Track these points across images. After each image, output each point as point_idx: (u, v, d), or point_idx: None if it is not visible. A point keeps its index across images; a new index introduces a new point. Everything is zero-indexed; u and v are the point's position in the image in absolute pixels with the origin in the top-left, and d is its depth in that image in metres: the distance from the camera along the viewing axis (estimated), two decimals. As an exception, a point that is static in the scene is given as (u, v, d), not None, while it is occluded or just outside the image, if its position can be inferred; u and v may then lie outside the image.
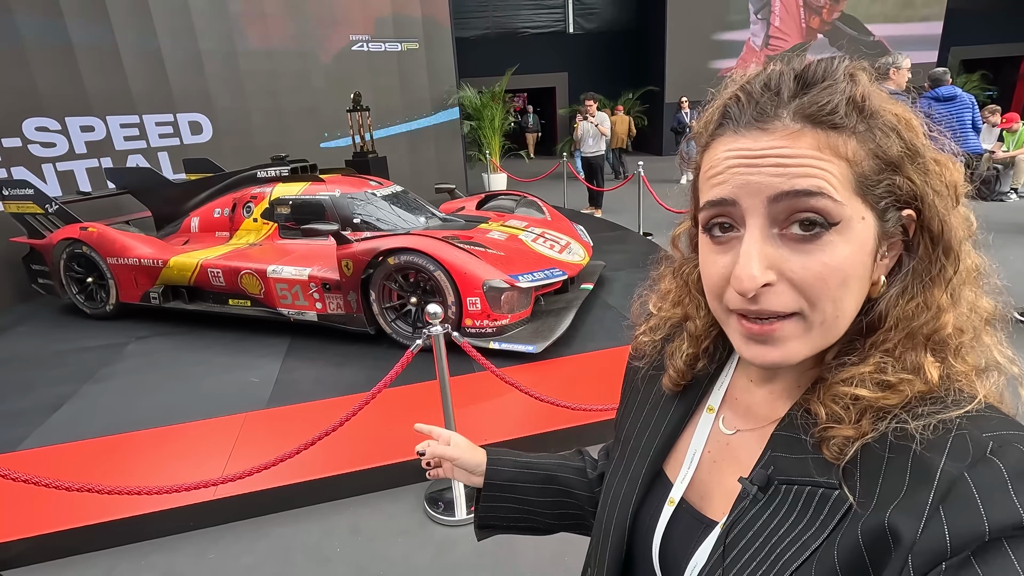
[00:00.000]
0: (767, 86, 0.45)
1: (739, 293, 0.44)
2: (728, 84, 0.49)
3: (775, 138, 0.43)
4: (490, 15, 15.34)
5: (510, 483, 0.78)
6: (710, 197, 0.46)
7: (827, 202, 0.42)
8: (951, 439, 0.40)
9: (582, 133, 8.02)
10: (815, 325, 0.44)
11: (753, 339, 0.46)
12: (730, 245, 0.46)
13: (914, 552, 0.37)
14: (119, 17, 6.03)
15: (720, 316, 0.49)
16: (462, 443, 0.82)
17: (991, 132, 7.71)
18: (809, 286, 0.43)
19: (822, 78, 0.44)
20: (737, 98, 0.46)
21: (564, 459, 0.82)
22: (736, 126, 0.45)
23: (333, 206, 4.17)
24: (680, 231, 0.60)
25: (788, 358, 0.45)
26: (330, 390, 3.17)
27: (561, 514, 0.79)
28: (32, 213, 4.64)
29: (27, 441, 2.84)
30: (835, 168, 0.42)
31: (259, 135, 7.43)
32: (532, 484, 0.78)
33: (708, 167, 0.48)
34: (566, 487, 0.78)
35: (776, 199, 0.42)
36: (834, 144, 0.42)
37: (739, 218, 0.45)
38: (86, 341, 4.17)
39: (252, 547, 2.22)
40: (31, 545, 2.18)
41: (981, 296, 0.47)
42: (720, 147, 0.46)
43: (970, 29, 14.94)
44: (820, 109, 0.43)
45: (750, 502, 0.48)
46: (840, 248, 0.42)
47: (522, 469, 0.79)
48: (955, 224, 0.45)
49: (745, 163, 0.44)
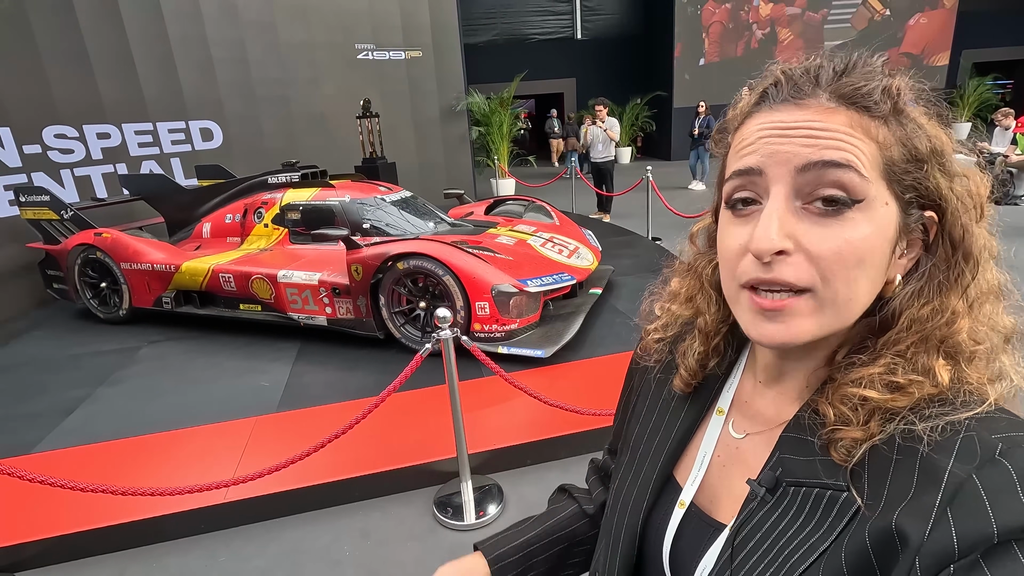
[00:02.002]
0: (807, 71, 0.46)
1: (755, 255, 0.44)
2: (767, 74, 0.50)
3: (809, 113, 0.44)
4: (498, 22, 15.42)
5: (518, 564, 0.72)
6: (738, 166, 0.47)
7: (854, 176, 0.42)
8: (959, 440, 0.40)
9: (591, 138, 8.02)
10: (826, 304, 0.43)
11: (763, 315, 0.45)
12: (751, 217, 0.46)
13: (921, 554, 0.37)
14: (133, 26, 6.14)
15: (731, 294, 0.49)
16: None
17: (1004, 135, 7.62)
18: (825, 260, 0.42)
19: (862, 66, 0.45)
20: (777, 80, 0.47)
21: (559, 513, 0.76)
22: (772, 103, 0.46)
23: (343, 211, 4.20)
24: (699, 227, 0.61)
25: (796, 336, 0.44)
26: (340, 394, 3.18)
27: (577, 563, 0.76)
28: (48, 219, 4.71)
29: (42, 443, 2.88)
30: (865, 147, 0.43)
31: (269, 141, 7.51)
32: (540, 556, 0.73)
33: (739, 141, 0.48)
34: (571, 542, 0.74)
35: (804, 169, 0.43)
36: (866, 126, 0.43)
37: (763, 189, 0.45)
38: (100, 345, 4.22)
39: (263, 550, 2.23)
40: (45, 547, 2.21)
41: (1002, 314, 0.47)
42: (753, 123, 0.47)
43: (982, 31, 14.81)
44: (856, 91, 0.44)
45: (758, 504, 0.48)
46: (861, 227, 0.42)
47: (525, 551, 0.72)
48: (977, 232, 0.45)
49: (777, 133, 0.44)
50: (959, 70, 15.14)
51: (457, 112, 9.45)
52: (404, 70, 8.80)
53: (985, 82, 14.26)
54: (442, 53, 9.09)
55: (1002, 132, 7.65)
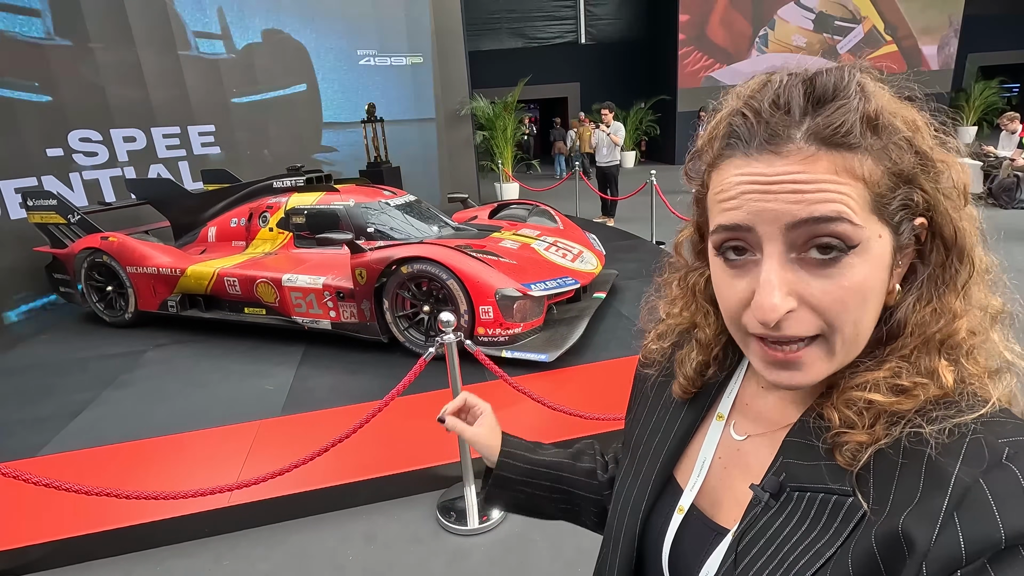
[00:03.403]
0: (776, 104, 0.43)
1: (761, 323, 0.43)
2: (731, 97, 0.47)
3: (790, 163, 0.41)
4: (502, 27, 15.48)
5: (518, 478, 0.79)
6: (723, 222, 0.45)
7: (847, 226, 0.41)
8: (966, 444, 0.40)
9: (596, 142, 8.04)
10: (836, 346, 0.44)
11: (775, 364, 0.45)
12: (746, 269, 0.45)
13: (928, 559, 0.36)
14: (141, 35, 6.21)
15: (739, 338, 0.49)
16: (483, 430, 0.82)
17: (1011, 139, 7.59)
18: (830, 310, 0.42)
19: (833, 95, 0.42)
20: (744, 116, 0.44)
21: (576, 459, 0.81)
22: (747, 148, 0.43)
23: (347, 215, 4.22)
24: (682, 238, 0.59)
25: (811, 379, 0.45)
26: (344, 398, 3.19)
27: (564, 509, 0.81)
28: (55, 223, 4.75)
29: (48, 446, 2.89)
30: (852, 191, 0.41)
31: (273, 146, 7.56)
32: (539, 482, 0.79)
33: (719, 189, 0.46)
34: (571, 489, 0.79)
35: (794, 226, 0.41)
36: (850, 166, 0.41)
37: (755, 243, 0.44)
38: (106, 348, 4.24)
39: (268, 554, 2.24)
40: (50, 550, 2.21)
41: (989, 294, 0.47)
42: (731, 169, 0.45)
43: (988, 36, 14.79)
44: (835, 132, 0.41)
45: (762, 509, 0.47)
46: (859, 269, 0.42)
47: (532, 467, 0.79)
48: (967, 228, 0.45)
49: (760, 188, 0.42)
50: (965, 73, 15.11)
51: (461, 116, 9.48)
52: (408, 75, 8.84)
53: (991, 86, 14.22)
54: (447, 58, 9.13)
55: (1008, 136, 7.62)
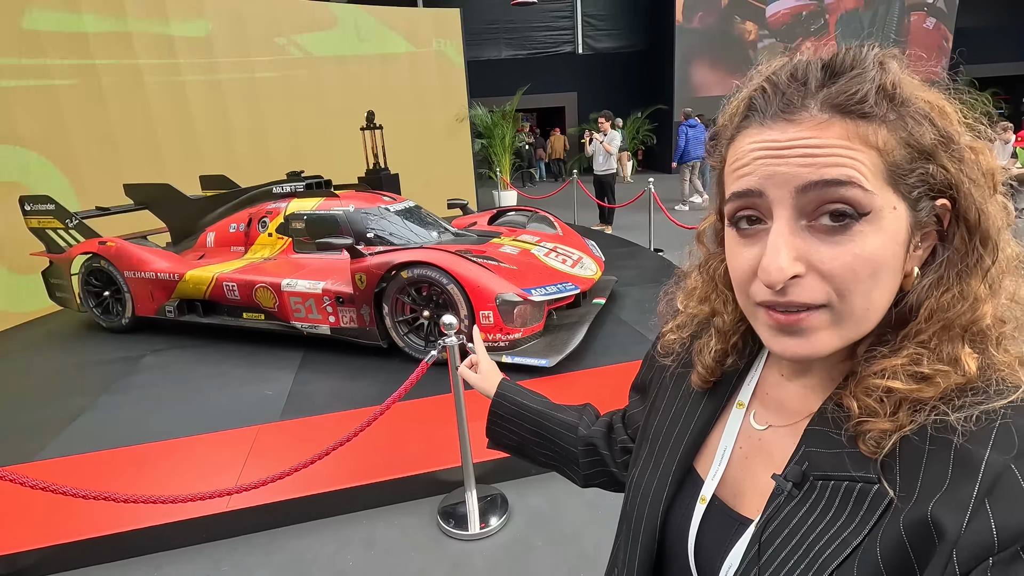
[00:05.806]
0: (794, 76, 0.44)
1: (767, 285, 0.43)
2: (754, 75, 0.48)
3: (803, 129, 0.42)
4: (501, 37, 15.60)
5: (507, 416, 0.89)
6: (736, 188, 0.46)
7: (857, 191, 0.41)
8: (995, 429, 0.39)
9: (592, 150, 8.09)
10: (844, 317, 0.43)
11: (781, 331, 0.45)
12: (757, 237, 0.45)
13: (959, 547, 0.36)
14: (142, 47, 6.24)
15: (748, 309, 0.49)
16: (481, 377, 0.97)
17: (1005, 149, 7.67)
18: (838, 277, 0.42)
19: (851, 66, 0.43)
20: (763, 89, 0.45)
21: (560, 411, 0.87)
22: (762, 118, 0.44)
23: (347, 221, 4.22)
24: (705, 226, 0.60)
25: (817, 350, 0.44)
26: (343, 403, 3.17)
27: (547, 455, 0.87)
28: (53, 228, 4.72)
29: (45, 451, 2.87)
30: (865, 157, 0.41)
31: (275, 152, 7.58)
32: (524, 425, 0.88)
33: (734, 159, 0.47)
34: (552, 438, 0.86)
35: (804, 189, 0.42)
36: (864, 133, 0.41)
37: (766, 210, 0.44)
38: (104, 353, 4.22)
39: (267, 559, 2.21)
40: (46, 555, 2.19)
41: (1022, 285, 0.46)
42: (746, 139, 0.45)
43: (981, 47, 14.96)
44: (849, 98, 0.41)
45: (785, 499, 0.47)
46: (871, 239, 0.41)
47: (518, 409, 0.88)
48: (993, 212, 0.44)
49: (772, 154, 0.43)
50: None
51: (460, 124, 9.53)
52: (408, 82, 8.88)
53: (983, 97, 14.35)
54: (446, 66, 9.19)
55: (1002, 146, 7.70)
